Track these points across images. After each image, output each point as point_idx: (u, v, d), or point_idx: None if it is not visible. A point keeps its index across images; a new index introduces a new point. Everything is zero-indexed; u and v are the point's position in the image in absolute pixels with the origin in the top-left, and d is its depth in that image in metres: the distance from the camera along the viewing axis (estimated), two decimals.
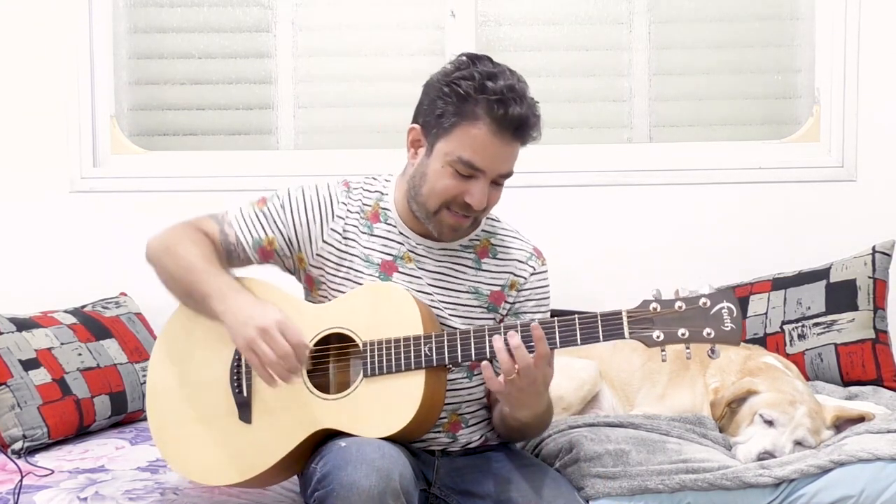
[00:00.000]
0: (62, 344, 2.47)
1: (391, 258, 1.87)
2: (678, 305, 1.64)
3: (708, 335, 1.62)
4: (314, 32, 3.14)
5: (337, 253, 1.88)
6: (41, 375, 2.35)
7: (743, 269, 2.90)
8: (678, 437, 2.10)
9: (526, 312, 1.91)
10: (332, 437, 1.72)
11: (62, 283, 2.99)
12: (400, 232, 1.88)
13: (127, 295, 2.89)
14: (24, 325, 2.46)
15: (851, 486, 1.91)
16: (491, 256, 1.92)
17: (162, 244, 1.89)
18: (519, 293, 1.92)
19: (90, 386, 2.43)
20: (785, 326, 2.65)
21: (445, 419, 1.88)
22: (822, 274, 2.68)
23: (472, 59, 1.78)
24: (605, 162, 3.05)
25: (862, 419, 2.12)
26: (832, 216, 2.99)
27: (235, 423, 1.81)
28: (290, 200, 1.89)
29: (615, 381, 2.45)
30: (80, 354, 2.48)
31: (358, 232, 1.89)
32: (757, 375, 2.24)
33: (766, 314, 2.70)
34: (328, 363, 1.82)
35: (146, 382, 1.92)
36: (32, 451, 2.26)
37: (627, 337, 1.66)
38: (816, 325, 2.59)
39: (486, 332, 1.72)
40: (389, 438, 1.69)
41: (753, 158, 3.03)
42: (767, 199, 3.01)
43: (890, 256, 2.63)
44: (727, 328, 1.62)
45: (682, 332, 1.63)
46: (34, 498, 1.95)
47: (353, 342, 1.78)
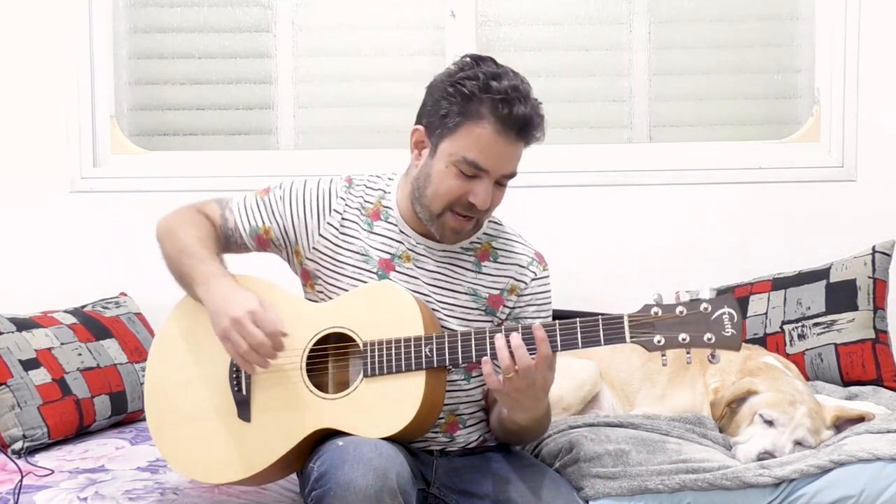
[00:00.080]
0: (62, 344, 2.47)
1: (389, 257, 1.87)
2: (679, 310, 1.64)
3: (708, 340, 1.62)
4: (314, 32, 3.14)
5: (333, 248, 1.89)
6: (41, 375, 2.35)
7: (743, 269, 2.90)
8: (678, 437, 2.10)
9: (527, 317, 1.91)
10: (330, 436, 1.72)
11: (62, 283, 2.99)
12: (400, 231, 1.88)
13: (127, 295, 2.89)
14: (24, 325, 2.46)
15: (851, 486, 1.91)
16: (491, 260, 1.92)
17: (165, 225, 1.94)
18: (519, 298, 1.92)
19: (90, 386, 2.43)
20: (785, 326, 2.65)
21: (443, 420, 1.88)
22: (822, 274, 2.68)
23: (475, 59, 1.79)
24: (605, 162, 3.05)
25: (862, 419, 2.12)
26: (832, 216, 2.99)
27: (234, 421, 1.81)
28: (290, 193, 1.91)
29: (615, 381, 2.45)
30: (80, 354, 2.48)
31: (357, 228, 1.89)
32: (757, 375, 2.24)
33: (766, 314, 2.70)
34: (328, 362, 1.82)
35: (145, 381, 1.92)
36: (32, 451, 2.26)
37: (628, 341, 1.66)
38: (816, 325, 2.59)
39: (487, 333, 1.72)
40: (389, 439, 1.69)
41: (753, 158, 3.03)
42: (767, 199, 3.02)
43: (890, 256, 2.63)
44: (727, 334, 1.62)
45: (682, 336, 1.63)
46: (34, 498, 1.95)
47: (353, 342, 1.78)
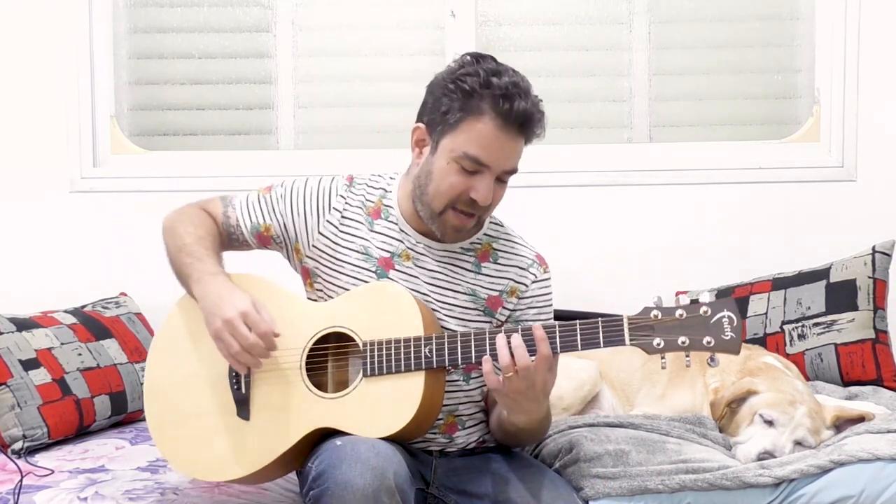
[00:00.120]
0: (62, 344, 2.47)
1: (388, 255, 1.87)
2: (679, 313, 1.64)
3: (708, 344, 1.62)
4: (314, 32, 3.14)
5: (332, 246, 1.89)
6: (41, 375, 2.35)
7: (743, 269, 2.90)
8: (678, 437, 2.10)
9: (528, 320, 1.90)
10: (329, 436, 1.72)
11: (62, 283, 2.99)
12: (401, 230, 1.89)
13: (127, 295, 2.89)
14: (24, 325, 2.46)
15: (851, 486, 1.91)
16: (492, 261, 1.92)
17: (169, 223, 1.95)
18: (520, 301, 1.92)
19: (90, 386, 2.43)
20: (785, 326, 2.65)
21: (442, 421, 1.88)
22: (822, 274, 2.68)
23: (476, 57, 1.80)
24: (605, 162, 3.05)
25: (862, 419, 2.12)
26: (832, 216, 2.99)
27: (234, 420, 1.81)
28: (291, 191, 1.93)
29: (615, 381, 2.45)
30: (80, 354, 2.48)
31: (357, 227, 1.90)
32: (757, 375, 2.24)
33: (766, 314, 2.70)
34: (328, 362, 1.82)
35: (145, 378, 1.92)
36: (32, 451, 2.26)
37: (628, 343, 1.66)
38: (816, 325, 2.59)
39: (486, 334, 1.72)
40: (388, 439, 1.69)
41: (753, 158, 3.03)
42: (767, 199, 3.02)
43: (890, 256, 2.63)
44: (727, 337, 1.62)
45: (682, 339, 1.63)
46: (34, 498, 1.95)
47: (353, 341, 1.78)
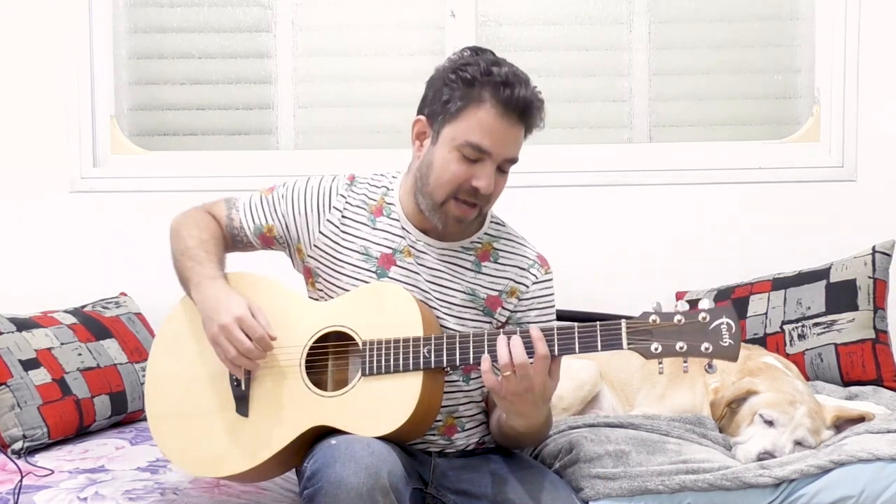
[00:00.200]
0: (62, 344, 2.47)
1: (390, 251, 1.88)
2: (677, 319, 1.64)
3: (706, 350, 1.62)
4: (314, 32, 3.14)
5: (333, 245, 1.90)
6: (41, 375, 2.36)
7: (743, 269, 2.90)
8: (678, 437, 2.10)
9: (529, 322, 1.90)
10: (327, 434, 1.72)
11: (62, 283, 2.99)
12: (402, 227, 1.89)
13: (127, 295, 2.89)
14: (24, 325, 2.46)
15: (851, 486, 1.91)
16: (492, 261, 1.92)
17: (174, 226, 1.97)
18: (520, 301, 1.92)
19: (90, 386, 2.43)
20: (785, 326, 2.65)
21: (441, 422, 1.88)
22: (822, 274, 2.68)
23: (475, 50, 1.83)
24: (605, 162, 3.05)
25: (862, 419, 2.12)
26: (832, 216, 2.99)
27: (233, 416, 1.82)
28: (292, 191, 1.94)
29: (615, 381, 2.45)
30: (80, 354, 2.48)
31: (358, 225, 1.90)
32: (757, 375, 2.24)
33: (766, 314, 2.70)
34: (328, 360, 1.83)
35: (147, 374, 1.93)
36: (32, 451, 2.26)
37: (625, 347, 1.65)
38: (816, 325, 2.59)
39: (485, 336, 1.72)
40: (385, 438, 1.69)
41: (753, 158, 3.03)
42: (767, 199, 3.02)
43: (890, 256, 2.63)
44: (725, 344, 1.61)
45: (680, 345, 1.63)
46: (34, 498, 1.95)
47: (353, 341, 1.79)
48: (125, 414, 2.53)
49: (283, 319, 1.81)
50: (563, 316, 2.14)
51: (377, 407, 1.72)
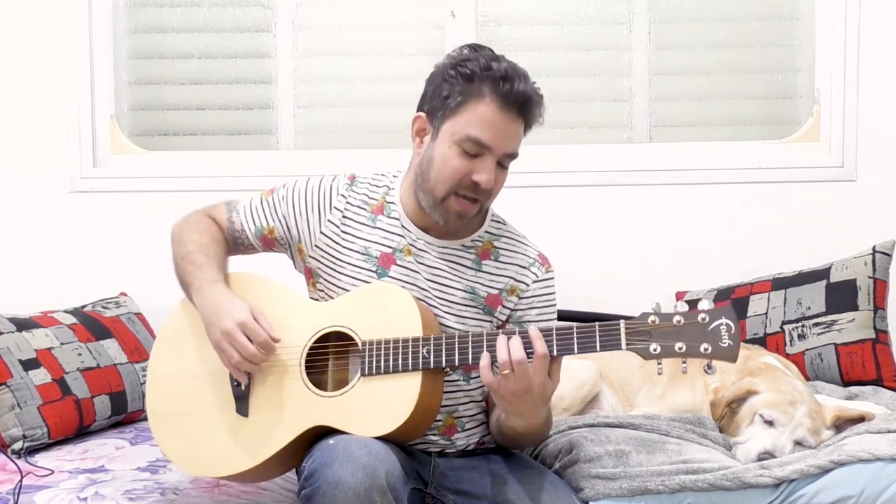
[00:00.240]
0: (62, 344, 2.47)
1: (390, 250, 1.88)
2: (676, 320, 1.63)
3: (705, 351, 1.61)
4: (314, 32, 3.14)
5: (334, 245, 1.90)
6: (41, 375, 2.35)
7: (743, 269, 2.90)
8: (678, 437, 2.10)
9: (530, 320, 1.90)
10: (326, 434, 1.72)
11: (62, 283, 2.99)
12: (402, 225, 1.89)
13: (127, 295, 2.89)
14: (24, 325, 2.46)
15: (851, 486, 1.91)
16: (493, 259, 1.92)
17: (175, 230, 1.97)
18: (520, 300, 1.91)
19: (90, 386, 2.43)
20: (785, 326, 2.65)
21: (441, 422, 1.88)
22: (822, 274, 2.68)
23: (473, 47, 1.84)
24: (605, 162, 3.05)
25: (862, 419, 2.12)
26: (832, 216, 2.99)
27: (233, 416, 1.82)
28: (292, 192, 1.94)
29: (615, 381, 2.45)
30: (80, 354, 2.48)
31: (358, 225, 1.90)
32: (757, 375, 2.24)
33: (766, 314, 2.70)
34: (328, 361, 1.83)
35: (147, 373, 1.94)
36: (32, 451, 2.26)
37: (624, 348, 1.65)
38: (816, 325, 2.59)
39: (484, 337, 1.72)
40: (384, 438, 1.69)
41: (753, 158, 3.03)
42: (767, 199, 3.01)
43: (890, 256, 2.63)
44: (724, 345, 1.61)
45: (679, 346, 1.62)
46: (34, 498, 1.95)
47: (353, 341, 1.79)
48: (125, 414, 2.53)
49: (282, 320, 1.81)
50: (563, 316, 2.14)
51: (376, 407, 1.72)
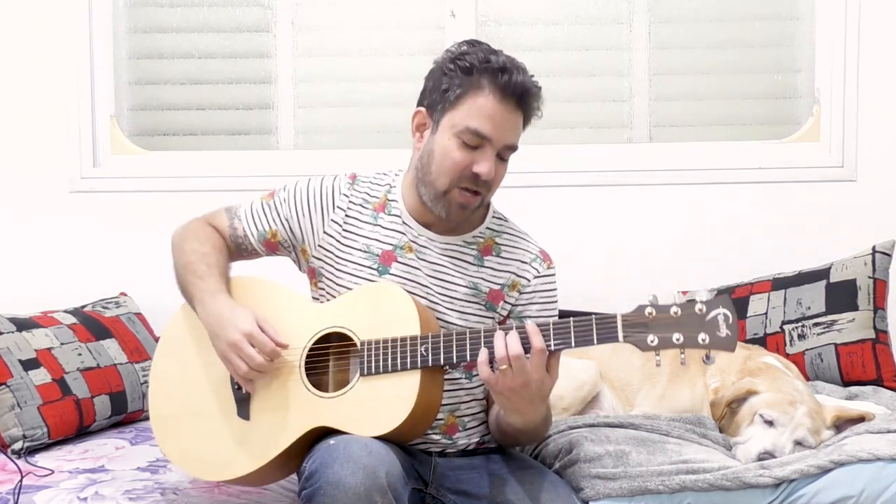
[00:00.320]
0: (62, 344, 2.47)
1: (391, 248, 1.88)
2: (674, 311, 1.63)
3: (703, 341, 1.61)
4: (314, 32, 3.14)
5: (337, 245, 1.90)
6: (41, 375, 2.35)
7: (743, 269, 2.90)
8: (678, 437, 2.10)
9: (531, 316, 1.90)
10: (327, 435, 1.72)
11: (62, 283, 2.99)
12: (403, 222, 1.90)
13: (127, 295, 2.89)
14: (24, 325, 2.46)
15: (851, 486, 1.91)
16: (494, 255, 1.92)
17: (176, 239, 1.97)
18: (521, 295, 1.92)
19: (90, 386, 2.43)
20: (785, 326, 2.65)
21: (442, 420, 1.88)
22: (822, 274, 2.67)
23: (471, 42, 1.86)
24: (605, 162, 3.05)
25: (862, 419, 2.12)
26: (832, 216, 2.99)
27: (234, 419, 1.82)
28: (294, 193, 1.94)
29: (615, 381, 2.45)
30: (80, 354, 2.48)
31: (361, 223, 1.91)
32: (757, 375, 2.24)
33: (766, 314, 2.70)
34: (328, 362, 1.83)
35: (150, 376, 1.94)
36: (32, 451, 2.26)
37: (621, 340, 1.64)
38: (816, 325, 2.59)
39: (482, 334, 1.71)
40: (384, 437, 1.69)
41: (753, 158, 3.03)
42: (767, 199, 3.01)
43: (890, 256, 2.63)
44: (722, 335, 1.61)
45: (676, 337, 1.62)
46: (34, 498, 1.95)
47: (352, 341, 1.79)
48: (125, 414, 2.53)
49: (282, 321, 1.81)
50: (563, 315, 2.14)
51: (376, 406, 1.72)
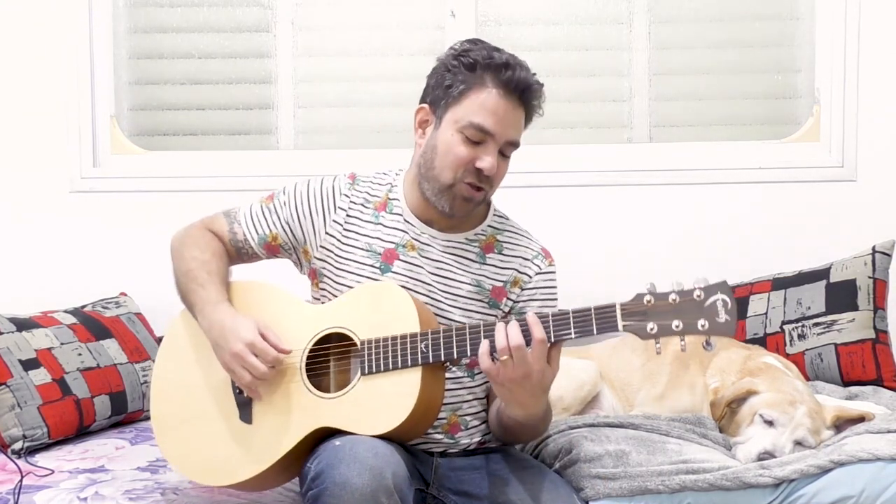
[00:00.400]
0: (62, 344, 2.47)
1: (393, 246, 1.89)
2: (672, 298, 1.63)
3: (702, 327, 1.60)
4: (314, 32, 3.14)
5: (339, 245, 1.91)
6: (41, 375, 2.35)
7: (743, 269, 2.90)
8: (678, 437, 2.10)
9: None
10: (330, 436, 1.72)
11: (62, 283, 2.99)
12: (405, 220, 1.90)
13: (127, 295, 2.89)
14: (24, 325, 2.46)
15: (851, 486, 1.91)
16: (496, 252, 1.93)
17: (175, 244, 1.97)
18: (522, 291, 1.92)
19: (90, 386, 2.43)
20: (785, 326, 2.65)
21: (444, 420, 1.88)
22: (822, 274, 2.67)
23: (474, 40, 1.88)
24: (605, 162, 3.05)
25: (862, 419, 2.12)
26: (832, 216, 2.99)
27: (236, 423, 1.82)
28: (294, 195, 1.94)
29: (615, 381, 2.45)
30: (80, 354, 2.48)
31: (362, 223, 1.91)
32: (757, 375, 2.24)
33: (766, 314, 2.70)
34: (329, 362, 1.83)
35: (151, 380, 1.94)
36: (32, 451, 2.26)
37: (621, 329, 1.64)
38: (816, 325, 2.59)
39: (481, 328, 1.71)
40: (386, 436, 1.69)
41: (753, 158, 3.03)
42: (767, 199, 3.01)
43: (890, 256, 2.63)
44: (721, 320, 1.60)
45: (675, 324, 1.62)
46: (34, 498, 1.95)
47: (352, 341, 1.79)
48: (125, 414, 2.53)
49: (282, 324, 1.81)
50: None
51: (378, 405, 1.72)
